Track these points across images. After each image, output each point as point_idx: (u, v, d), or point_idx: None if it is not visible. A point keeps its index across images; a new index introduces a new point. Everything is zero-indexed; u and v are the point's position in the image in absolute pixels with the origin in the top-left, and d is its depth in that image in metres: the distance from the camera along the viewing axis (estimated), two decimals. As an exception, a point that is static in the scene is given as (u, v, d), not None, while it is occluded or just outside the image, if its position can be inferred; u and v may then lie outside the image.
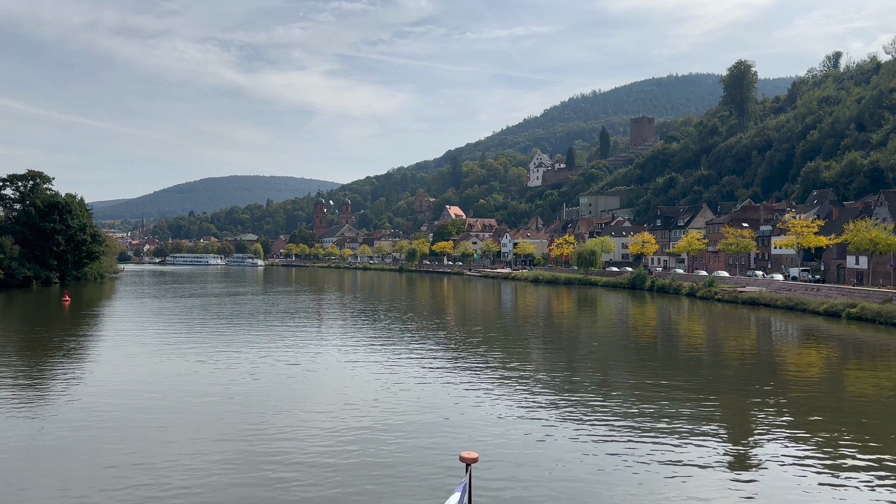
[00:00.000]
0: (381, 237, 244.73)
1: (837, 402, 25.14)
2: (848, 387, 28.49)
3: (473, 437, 19.74)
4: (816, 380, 29.83)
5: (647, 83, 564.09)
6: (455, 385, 27.13)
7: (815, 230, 69.07)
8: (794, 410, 23.31)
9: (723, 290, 67.47)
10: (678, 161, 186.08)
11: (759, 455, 18.48)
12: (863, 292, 52.11)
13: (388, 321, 52.10)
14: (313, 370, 30.66)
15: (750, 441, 19.87)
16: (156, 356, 34.39)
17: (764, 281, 69.71)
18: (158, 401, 24.38)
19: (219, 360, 33.15)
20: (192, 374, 29.36)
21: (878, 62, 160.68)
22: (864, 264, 68.79)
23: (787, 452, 18.58)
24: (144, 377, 28.85)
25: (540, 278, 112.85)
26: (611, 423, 21.37)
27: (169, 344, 38.73)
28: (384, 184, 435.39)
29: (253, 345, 38.32)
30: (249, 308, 64.26)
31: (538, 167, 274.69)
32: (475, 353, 35.39)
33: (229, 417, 22.12)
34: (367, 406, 23.54)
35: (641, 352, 38.10)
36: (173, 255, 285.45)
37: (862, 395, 26.59)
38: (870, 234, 56.32)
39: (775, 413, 23.01)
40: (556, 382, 28.05)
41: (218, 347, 37.50)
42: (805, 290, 59.00)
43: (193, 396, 25.23)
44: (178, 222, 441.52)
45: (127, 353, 35.71)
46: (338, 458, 17.92)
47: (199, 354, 34.74)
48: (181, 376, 28.96)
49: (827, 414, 22.92)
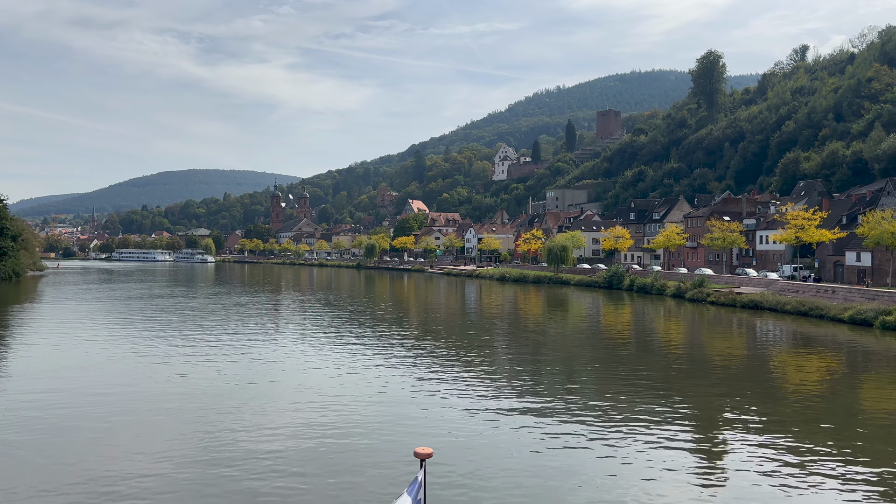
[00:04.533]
0: (340, 232, 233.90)
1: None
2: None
3: (429, 433, 19.68)
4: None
5: (610, 79, 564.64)
6: (412, 383, 26.76)
7: (818, 222, 61.67)
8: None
9: (716, 292, 59.48)
10: (646, 154, 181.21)
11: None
12: (892, 295, 44.09)
13: (344, 325, 47.91)
14: (264, 373, 29.31)
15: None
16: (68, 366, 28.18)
17: (762, 280, 62.05)
18: (101, 405, 23.23)
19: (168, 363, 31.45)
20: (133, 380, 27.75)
21: (852, 53, 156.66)
22: (868, 261, 61.86)
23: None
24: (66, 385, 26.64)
25: (507, 276, 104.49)
26: (575, 423, 21.00)
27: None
28: (346, 178, 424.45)
29: (187, 356, 33.43)
30: (145, 317, 54.29)
31: (503, 161, 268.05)
32: (433, 354, 34.12)
33: (180, 420, 21.31)
34: (321, 405, 23.07)
35: (623, 363, 32.78)
36: (119, 250, 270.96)
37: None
38: (892, 225, 48.84)
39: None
40: (519, 382, 27.45)
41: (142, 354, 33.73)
42: (816, 291, 51.31)
43: (137, 401, 24.03)
44: (130, 217, 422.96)
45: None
46: (292, 457, 17.72)
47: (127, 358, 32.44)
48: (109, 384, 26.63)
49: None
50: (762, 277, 64.41)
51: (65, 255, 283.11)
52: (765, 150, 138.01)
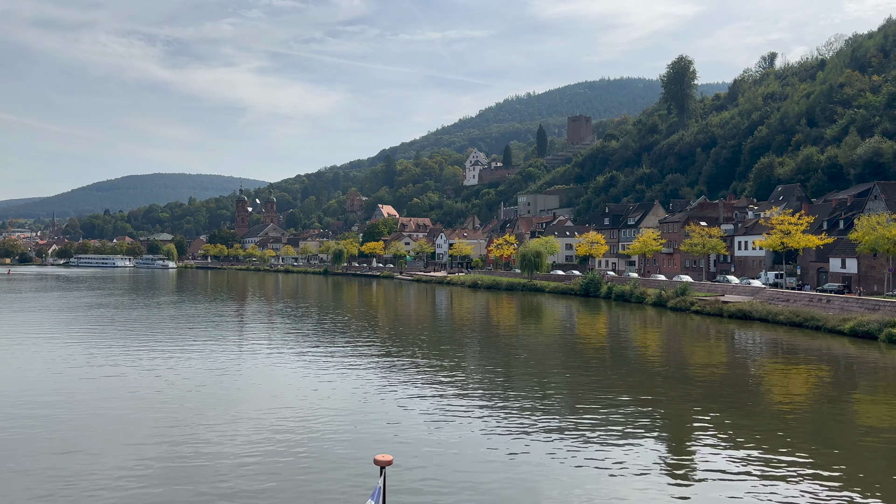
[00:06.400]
0: (308, 237, 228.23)
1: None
2: None
3: (391, 441, 19.65)
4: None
5: (580, 86, 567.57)
6: (375, 392, 26.42)
7: (805, 227, 59.13)
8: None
9: (701, 301, 56.49)
10: (618, 159, 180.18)
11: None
12: (892, 304, 41.24)
13: (308, 334, 46.32)
14: (227, 382, 28.77)
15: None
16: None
17: (747, 288, 59.27)
18: (62, 411, 23.17)
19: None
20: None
21: (822, 59, 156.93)
22: (854, 268, 59.62)
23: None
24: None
25: (479, 283, 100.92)
26: (541, 432, 20.77)
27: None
28: (315, 182, 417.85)
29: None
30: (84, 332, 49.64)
31: (474, 165, 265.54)
32: (399, 364, 33.22)
33: (141, 426, 21.24)
34: (282, 414, 22.78)
35: (599, 375, 30.88)
36: (78, 256, 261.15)
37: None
38: (890, 231, 46.25)
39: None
40: (486, 392, 27.01)
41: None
42: (809, 300, 48.52)
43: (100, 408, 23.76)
44: (91, 221, 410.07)
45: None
46: (253, 465, 17.62)
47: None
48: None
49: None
50: (746, 285, 61.68)
51: (21, 261, 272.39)
52: (737, 155, 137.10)
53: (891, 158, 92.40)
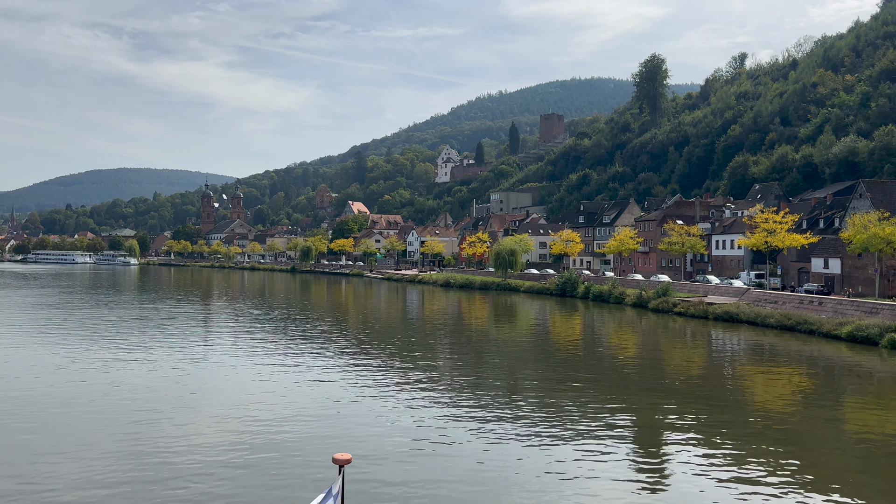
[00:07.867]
0: (276, 234, 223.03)
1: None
2: None
3: (351, 439, 19.49)
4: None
5: (551, 85, 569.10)
6: (340, 392, 25.79)
7: (789, 226, 57.43)
8: None
9: (684, 302, 54.38)
10: (591, 158, 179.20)
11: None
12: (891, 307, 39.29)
13: (273, 334, 44.80)
14: (187, 384, 27.64)
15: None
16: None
17: (730, 289, 57.32)
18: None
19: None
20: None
21: (794, 59, 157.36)
22: (837, 268, 58.14)
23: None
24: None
25: (452, 282, 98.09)
26: (507, 433, 20.26)
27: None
28: (284, 178, 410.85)
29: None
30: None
31: (446, 163, 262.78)
32: (366, 364, 32.29)
33: (96, 431, 20.47)
34: (243, 414, 22.28)
35: (578, 381, 28.78)
36: (36, 252, 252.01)
37: None
38: (884, 230, 44.56)
39: None
40: (454, 392, 26.28)
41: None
42: (799, 302, 46.59)
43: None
44: (52, 216, 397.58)
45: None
46: (212, 464, 17.39)
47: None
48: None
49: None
50: (728, 286, 59.81)
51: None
52: (710, 154, 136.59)
53: (866, 157, 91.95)
